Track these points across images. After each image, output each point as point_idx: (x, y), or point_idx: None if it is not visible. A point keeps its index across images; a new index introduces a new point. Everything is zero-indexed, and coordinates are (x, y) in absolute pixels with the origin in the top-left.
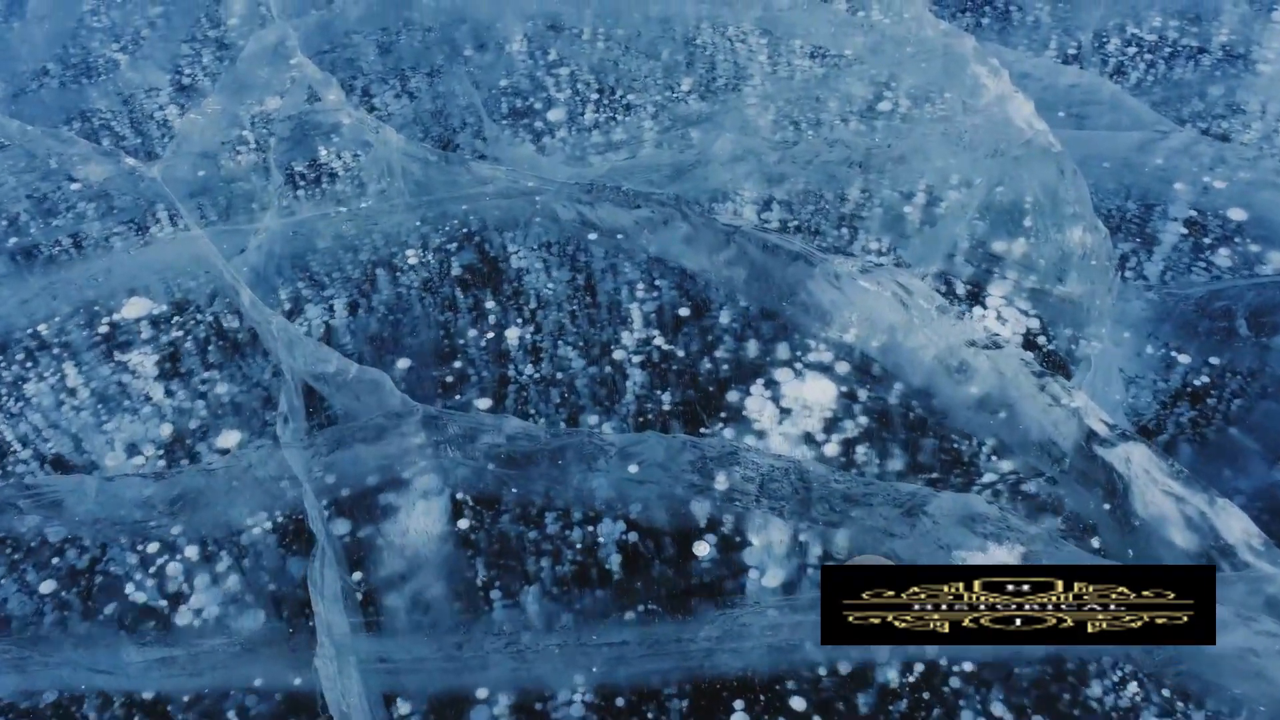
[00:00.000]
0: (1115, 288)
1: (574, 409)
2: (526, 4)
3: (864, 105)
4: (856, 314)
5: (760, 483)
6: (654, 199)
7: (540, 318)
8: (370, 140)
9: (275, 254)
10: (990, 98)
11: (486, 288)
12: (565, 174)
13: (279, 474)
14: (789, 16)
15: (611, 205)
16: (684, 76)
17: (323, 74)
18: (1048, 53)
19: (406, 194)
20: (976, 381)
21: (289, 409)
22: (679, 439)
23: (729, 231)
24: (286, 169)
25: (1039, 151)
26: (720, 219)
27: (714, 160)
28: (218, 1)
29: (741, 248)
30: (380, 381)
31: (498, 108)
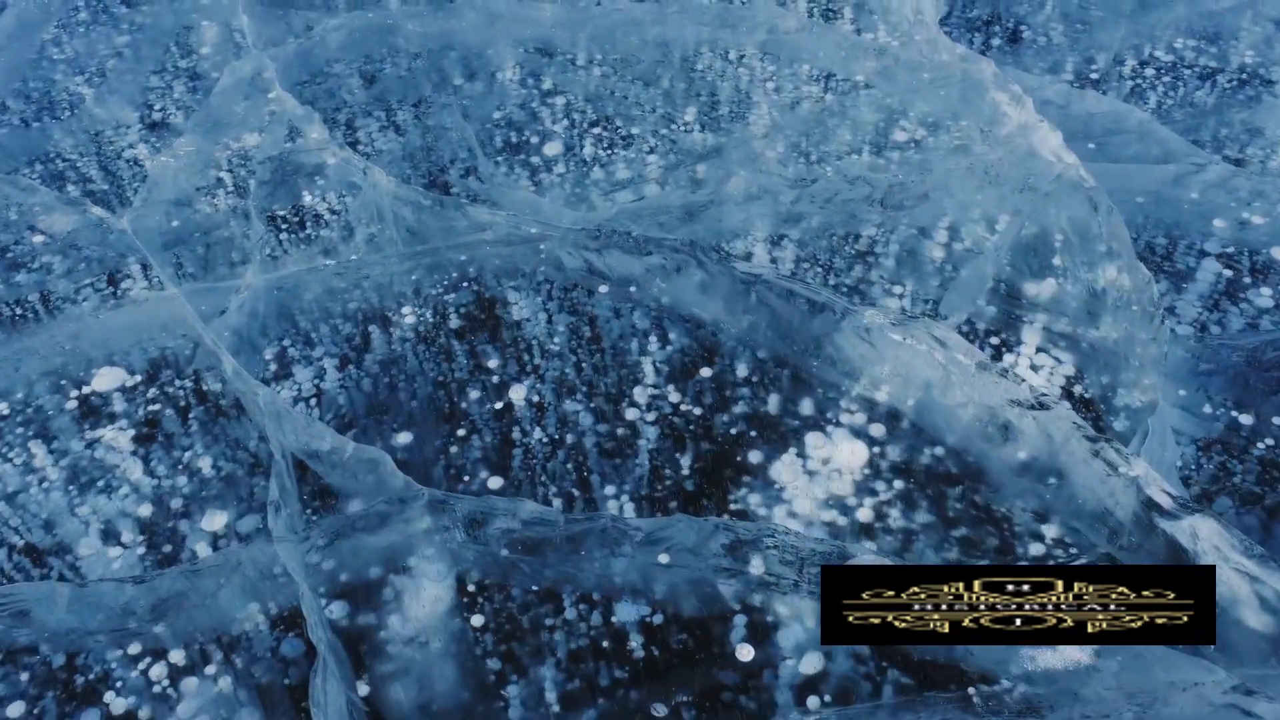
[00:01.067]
0: (1162, 337)
1: (585, 478)
2: (517, 28)
3: (880, 136)
4: (889, 370)
5: (799, 567)
6: (666, 245)
7: (547, 375)
8: (358, 181)
9: (259, 313)
10: (1013, 127)
11: (489, 344)
12: (569, 218)
13: (272, 571)
14: (795, 39)
15: (620, 252)
16: (686, 105)
17: (303, 108)
18: (1064, 74)
19: (399, 243)
20: (1022, 444)
21: (280, 493)
22: (710, 522)
23: (749, 280)
24: (268, 216)
25: (1070, 186)
26: (739, 267)
27: (727, 200)
28: (188, 29)
29: (762, 297)
30: (380, 461)
31: (491, 142)
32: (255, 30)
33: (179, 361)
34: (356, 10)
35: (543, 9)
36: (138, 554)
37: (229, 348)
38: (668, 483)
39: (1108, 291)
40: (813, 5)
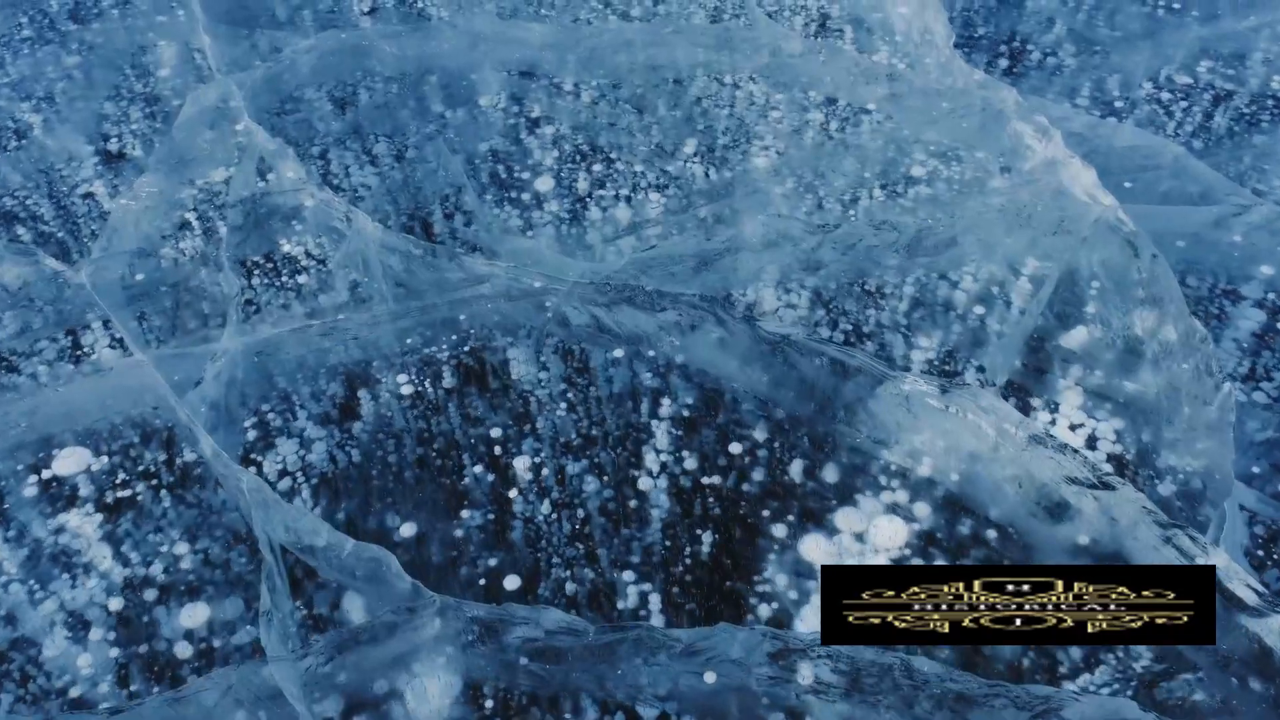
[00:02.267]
0: (1226, 404)
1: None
2: (501, 50)
3: (896, 171)
4: (929, 441)
5: (855, 677)
6: (683, 300)
7: (554, 443)
8: (340, 227)
9: (238, 381)
10: (1038, 161)
11: (491, 410)
12: (575, 270)
13: (266, 693)
14: (798, 63)
15: (631, 308)
16: (685, 136)
17: (275, 141)
18: (1079, 98)
19: (389, 298)
20: (1080, 526)
21: (271, 596)
22: (758, 631)
23: (774, 341)
24: (242, 267)
25: (1108, 230)
26: (765, 326)
27: (743, 247)
28: (144, 49)
29: (788, 359)
30: (384, 561)
31: (478, 177)
32: (218, 52)
33: (151, 439)
34: (328, 30)
35: (528, 29)
36: (110, 655)
37: (206, 424)
38: (688, 562)
39: (1151, 345)
40: (810, 22)
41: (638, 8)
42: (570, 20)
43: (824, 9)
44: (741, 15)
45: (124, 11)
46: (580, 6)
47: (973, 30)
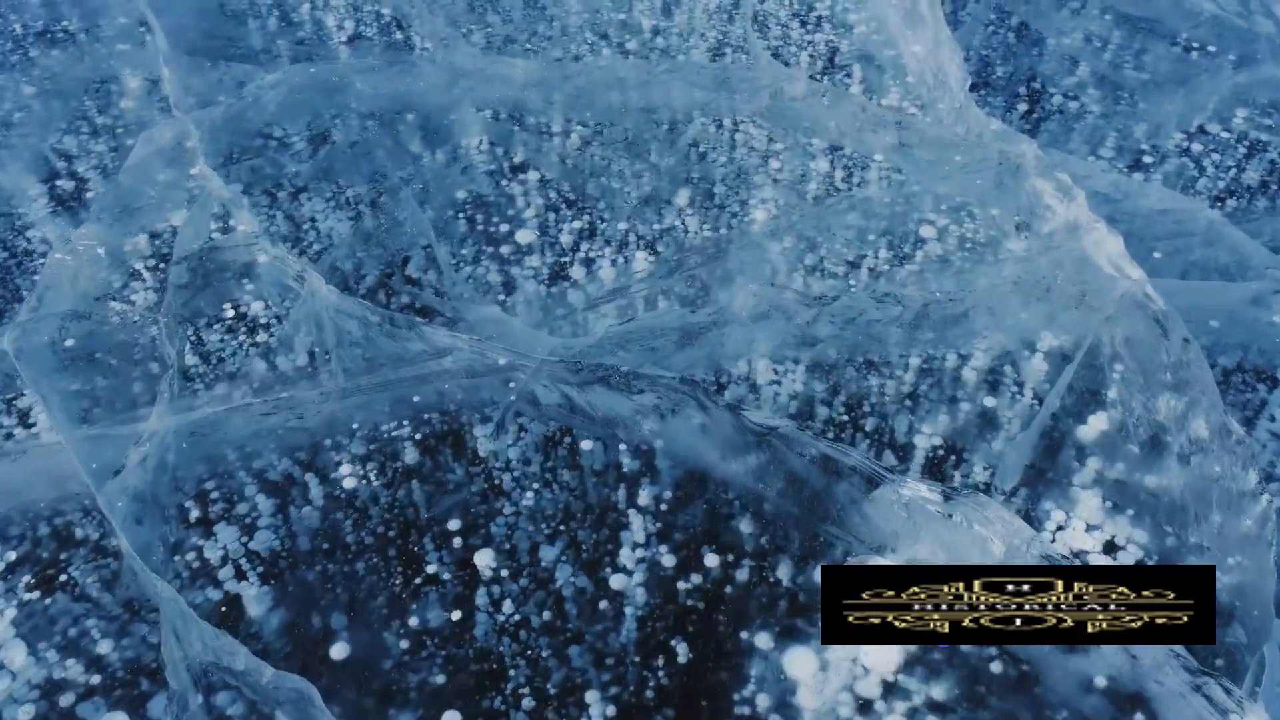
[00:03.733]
0: (1264, 516)
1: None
2: (483, 88)
3: (904, 232)
4: (929, 553)
5: None
6: (661, 383)
7: (518, 539)
8: (295, 287)
9: (169, 466)
10: (1060, 224)
11: (449, 501)
12: (545, 345)
13: None
14: (803, 109)
15: (605, 389)
16: (678, 187)
17: (231, 188)
18: (1104, 149)
19: (340, 373)
20: (1097, 661)
21: None
22: None
23: (760, 432)
24: (183, 332)
25: (1134, 306)
26: (750, 418)
27: (732, 320)
28: (103, 82)
29: (776, 452)
30: (306, 695)
31: (453, 228)
32: (179, 86)
33: (65, 534)
34: (299, 63)
35: (512, 65)
36: None
37: (126, 518)
38: (660, 674)
39: (1180, 439)
40: (816, 59)
41: (634, 41)
42: (557, 56)
43: (833, 43)
44: (743, 51)
45: (91, 36)
46: (574, 39)
47: (990, 70)
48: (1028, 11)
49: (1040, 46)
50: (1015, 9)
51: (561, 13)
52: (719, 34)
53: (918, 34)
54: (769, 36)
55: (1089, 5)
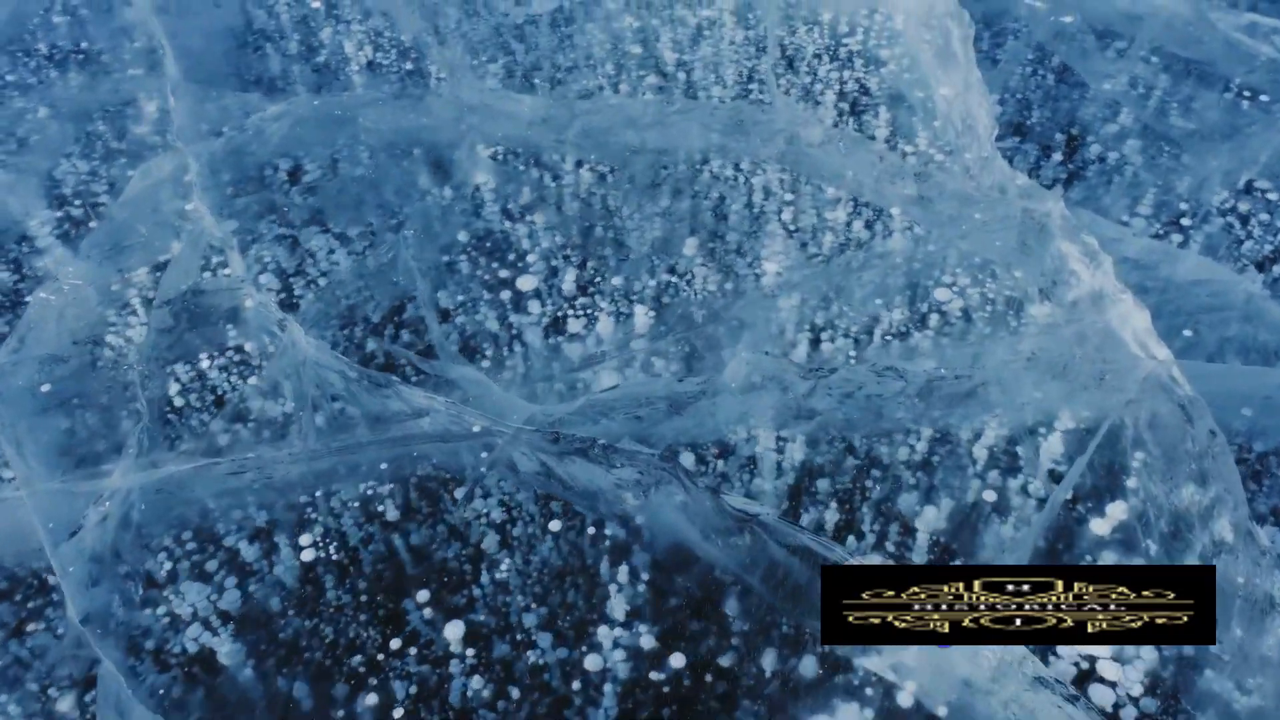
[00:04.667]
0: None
1: None
2: (490, 125)
3: (916, 294)
4: (918, 659)
5: None
6: (641, 458)
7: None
8: (278, 333)
9: (132, 524)
10: (1084, 293)
11: (418, 573)
12: (523, 411)
13: None
14: (819, 156)
15: (584, 460)
16: (688, 234)
17: (225, 225)
18: (1140, 209)
19: (311, 433)
20: None
21: None
22: None
23: (742, 519)
24: (160, 383)
25: (1158, 389)
26: (731, 503)
27: (723, 390)
28: (119, 107)
29: (759, 540)
30: None
31: (444, 277)
32: (183, 115)
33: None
34: (307, 94)
35: (520, 102)
36: None
37: (78, 583)
38: None
39: (1202, 539)
40: (844, 97)
41: (653, 74)
42: (573, 90)
43: (863, 80)
44: (761, 91)
45: (111, 58)
46: (591, 74)
47: (1026, 113)
48: (1069, 51)
49: (1081, 90)
50: (1056, 48)
51: (585, 41)
52: (741, 70)
53: (948, 74)
54: (798, 72)
55: (1135, 45)
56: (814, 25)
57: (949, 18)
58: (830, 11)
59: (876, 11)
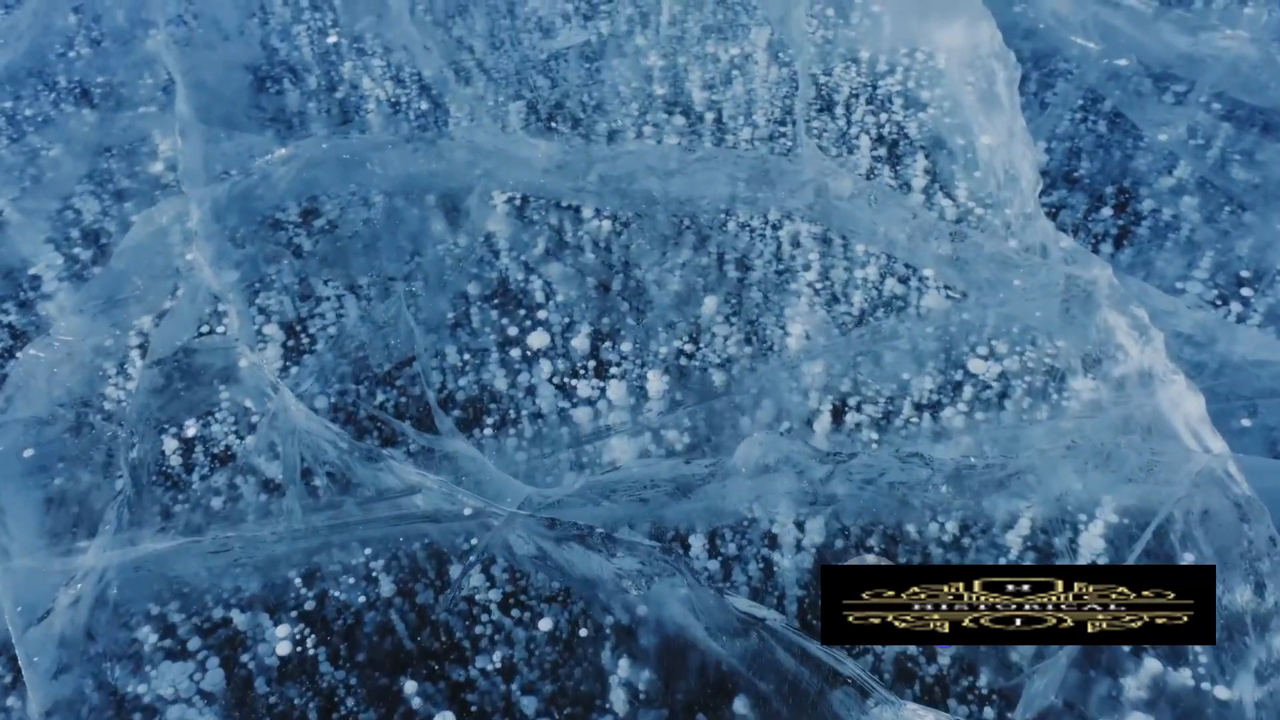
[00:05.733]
0: None
1: None
2: (505, 171)
3: (948, 365)
4: None
5: None
6: (641, 549)
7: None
8: (270, 395)
9: (108, 603)
10: (1132, 370)
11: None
12: (519, 491)
13: None
14: (849, 210)
15: (582, 548)
16: (707, 291)
17: (224, 277)
18: (1195, 273)
19: (298, 510)
20: None
21: None
22: None
23: (748, 622)
24: (144, 451)
25: (1212, 485)
26: (737, 605)
27: (733, 473)
28: (130, 147)
29: (766, 644)
30: None
31: (451, 331)
32: (191, 156)
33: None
34: (317, 136)
35: (535, 147)
36: None
37: (45, 672)
38: None
39: (1257, 652)
40: (881, 142)
41: (680, 114)
42: (596, 132)
43: (902, 124)
44: (790, 137)
45: (127, 94)
46: (616, 113)
47: (1074, 164)
48: (1122, 97)
49: (1134, 139)
50: (1109, 92)
51: (612, 78)
52: (772, 112)
53: (991, 120)
54: (834, 114)
55: (1195, 90)
56: (851, 63)
57: (994, 58)
58: (869, 49)
59: (917, 50)
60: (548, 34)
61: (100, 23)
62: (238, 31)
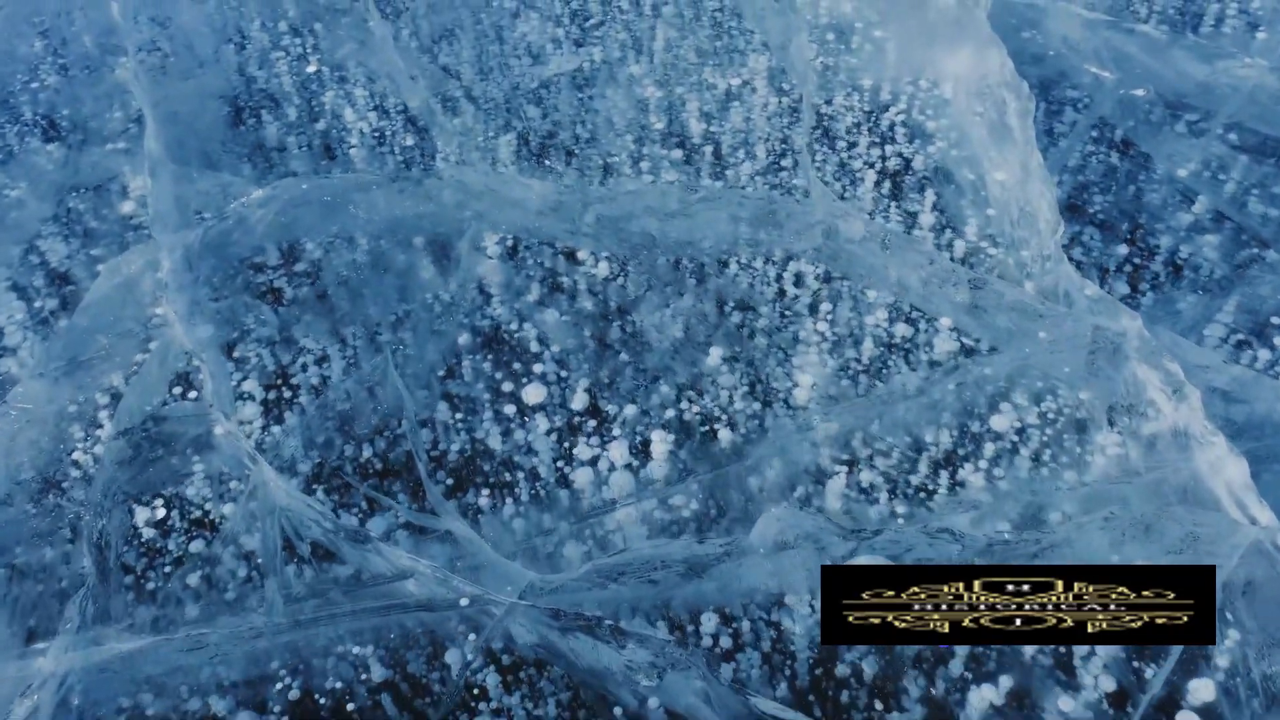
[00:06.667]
0: None
1: None
2: (496, 213)
3: (971, 425)
4: None
5: None
6: (654, 642)
7: None
8: (248, 466)
9: (71, 710)
10: (1166, 429)
11: None
12: (520, 576)
13: None
14: (860, 253)
15: (589, 638)
16: (712, 342)
17: (198, 332)
18: (1225, 319)
19: (279, 600)
20: None
21: None
22: None
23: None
24: (114, 527)
25: (1259, 558)
26: (757, 704)
27: (750, 551)
28: (112, 178)
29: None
30: None
31: (443, 389)
32: (161, 198)
33: None
34: (295, 176)
35: (528, 188)
36: None
37: None
38: None
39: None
40: (884, 176)
41: (677, 148)
42: (580, 175)
43: (906, 157)
44: (795, 173)
45: (94, 129)
46: (610, 146)
47: (1086, 197)
48: (1135, 128)
49: (1147, 170)
50: (1119, 122)
51: (605, 107)
52: (773, 146)
53: (1004, 154)
54: (835, 147)
55: (1210, 120)
56: (853, 90)
57: (1004, 87)
58: (872, 78)
59: (922, 79)
60: (538, 60)
61: (68, 49)
62: (213, 58)
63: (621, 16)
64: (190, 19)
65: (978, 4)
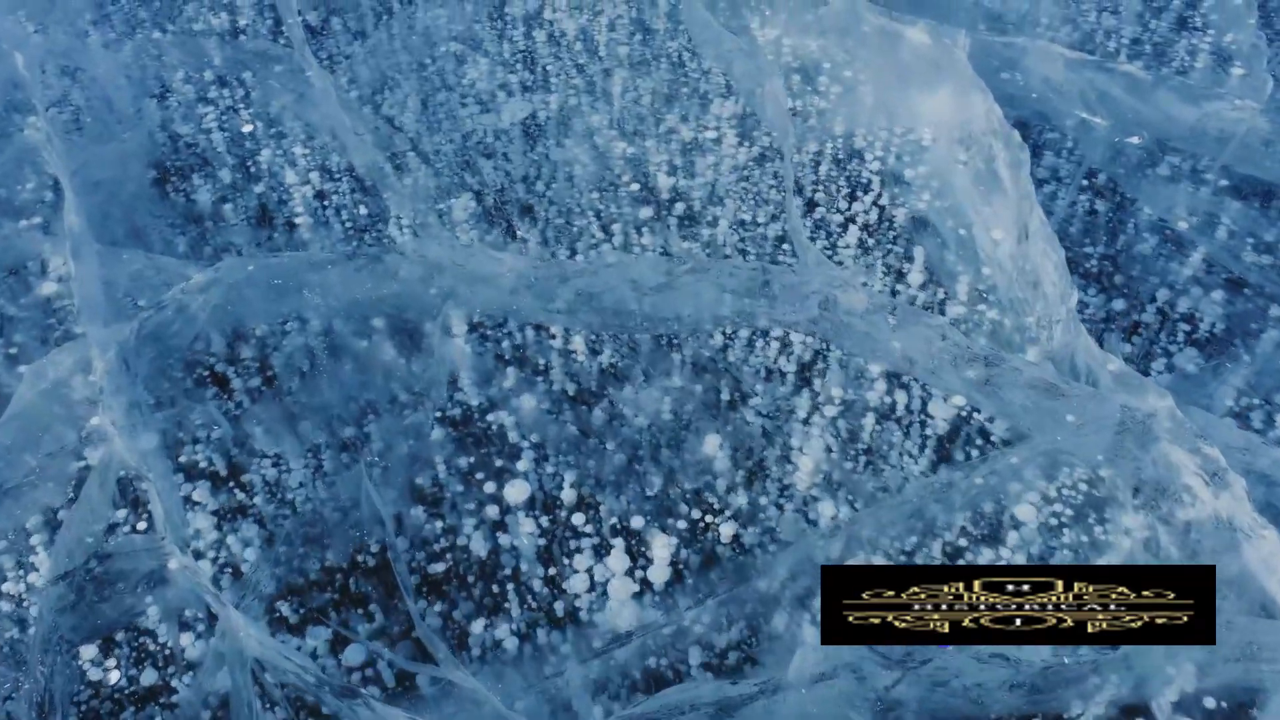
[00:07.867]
0: None
1: None
2: (463, 290)
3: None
4: None
5: None
6: None
7: None
8: (213, 609)
9: None
10: (1207, 519)
11: None
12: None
13: None
14: (862, 328)
15: None
16: (706, 433)
17: (140, 445)
18: (1231, 386)
19: None
20: None
21: None
22: None
23: None
24: (55, 691)
25: None
26: None
27: (788, 688)
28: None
29: None
30: None
31: (419, 500)
32: (87, 285)
33: None
34: (238, 254)
35: (499, 262)
36: None
37: None
38: None
39: None
40: (867, 231)
41: (647, 205)
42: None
43: (883, 206)
44: (782, 235)
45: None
46: (576, 202)
47: (1075, 250)
48: (1121, 173)
49: (1133, 217)
50: (1104, 166)
51: (565, 157)
52: (751, 202)
53: (995, 208)
54: (803, 193)
55: (1198, 166)
56: (830, 139)
57: (992, 135)
58: (846, 124)
59: (909, 131)
60: (486, 108)
61: None
62: (133, 114)
63: (574, 61)
64: (105, 69)
65: (955, 44)
